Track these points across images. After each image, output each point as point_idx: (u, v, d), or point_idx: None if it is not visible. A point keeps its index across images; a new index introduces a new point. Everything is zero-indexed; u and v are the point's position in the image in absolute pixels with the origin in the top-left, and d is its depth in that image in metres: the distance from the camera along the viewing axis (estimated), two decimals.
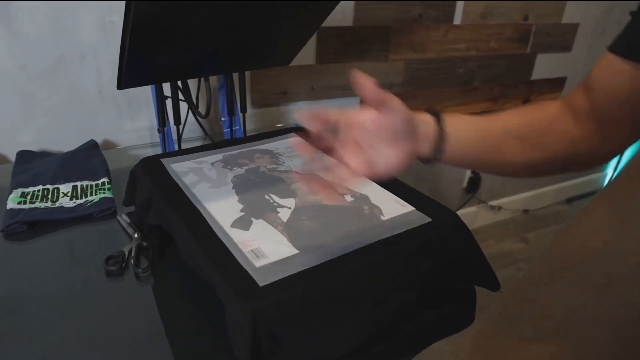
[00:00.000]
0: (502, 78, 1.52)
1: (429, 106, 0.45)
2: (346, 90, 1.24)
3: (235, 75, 0.85)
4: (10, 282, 0.55)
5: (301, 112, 0.38)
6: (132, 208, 0.68)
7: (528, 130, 0.47)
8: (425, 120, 0.44)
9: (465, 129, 0.45)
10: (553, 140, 0.46)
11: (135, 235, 0.62)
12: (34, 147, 0.89)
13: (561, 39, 1.57)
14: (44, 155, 0.86)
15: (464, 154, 0.45)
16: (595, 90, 0.44)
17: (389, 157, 0.40)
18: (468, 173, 1.67)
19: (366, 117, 0.39)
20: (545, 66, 1.59)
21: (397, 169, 0.41)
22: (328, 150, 0.40)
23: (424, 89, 1.38)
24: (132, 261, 0.58)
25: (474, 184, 1.68)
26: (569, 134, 0.46)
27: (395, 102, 0.39)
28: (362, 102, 0.39)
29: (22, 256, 0.60)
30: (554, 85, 1.68)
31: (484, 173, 1.69)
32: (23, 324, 0.49)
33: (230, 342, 0.42)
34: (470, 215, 1.76)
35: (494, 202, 1.82)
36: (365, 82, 0.36)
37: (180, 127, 0.80)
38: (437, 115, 0.44)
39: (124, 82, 0.64)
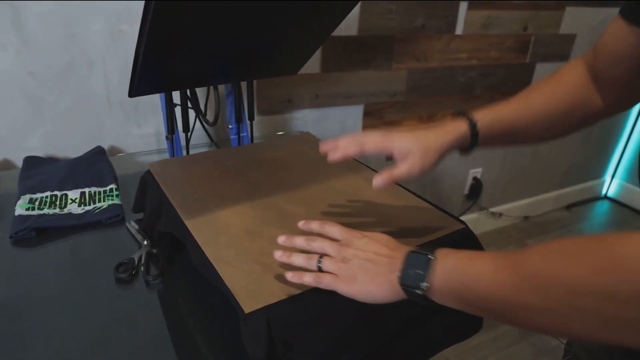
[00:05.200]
0: (503, 87, 1.54)
1: (459, 110, 0.52)
2: (350, 98, 1.25)
3: (243, 84, 0.86)
4: (19, 288, 0.55)
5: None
6: (140, 215, 0.68)
7: (554, 111, 0.52)
8: (458, 129, 0.49)
9: (495, 127, 0.51)
10: (576, 116, 0.52)
11: (145, 242, 0.62)
12: (40, 152, 0.89)
13: (559, 48, 1.59)
14: (50, 161, 0.86)
15: (498, 142, 0.53)
16: (600, 51, 0.49)
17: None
18: (469, 180, 1.68)
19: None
20: (544, 75, 1.60)
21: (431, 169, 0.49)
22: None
23: (427, 97, 1.39)
24: (142, 268, 0.58)
25: (475, 191, 1.69)
26: (589, 105, 0.51)
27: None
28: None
29: (30, 262, 0.60)
30: None
31: (485, 179, 1.70)
32: (31, 330, 0.48)
33: (245, 350, 0.42)
34: (472, 221, 1.77)
35: (494, 209, 1.83)
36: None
37: (189, 134, 0.81)
38: (468, 118, 0.50)
39: (135, 90, 0.64)
